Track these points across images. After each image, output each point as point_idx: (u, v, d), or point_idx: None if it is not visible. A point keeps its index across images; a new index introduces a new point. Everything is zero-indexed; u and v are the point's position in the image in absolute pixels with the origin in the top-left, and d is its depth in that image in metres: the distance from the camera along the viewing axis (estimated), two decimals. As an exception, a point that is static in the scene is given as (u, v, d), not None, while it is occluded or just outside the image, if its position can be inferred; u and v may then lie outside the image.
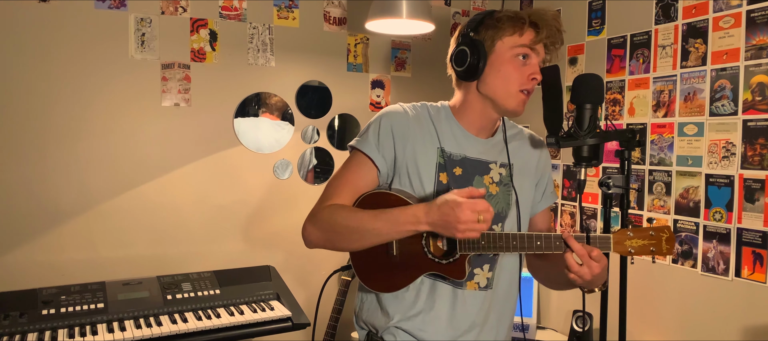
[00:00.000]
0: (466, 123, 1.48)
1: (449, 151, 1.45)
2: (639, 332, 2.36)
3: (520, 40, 1.40)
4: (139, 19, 2.56)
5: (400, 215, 1.33)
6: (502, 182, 1.48)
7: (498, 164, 1.49)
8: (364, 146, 1.46)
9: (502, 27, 1.40)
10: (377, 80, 3.08)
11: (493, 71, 1.41)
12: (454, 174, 1.44)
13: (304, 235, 1.48)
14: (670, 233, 1.30)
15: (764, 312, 1.94)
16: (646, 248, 1.30)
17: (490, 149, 1.49)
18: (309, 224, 1.46)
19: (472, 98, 1.47)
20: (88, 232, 2.53)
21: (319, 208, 1.46)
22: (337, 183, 1.48)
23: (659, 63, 2.30)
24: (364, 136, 1.48)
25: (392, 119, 1.46)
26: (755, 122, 1.96)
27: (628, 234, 1.31)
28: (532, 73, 1.40)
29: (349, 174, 1.48)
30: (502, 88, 1.41)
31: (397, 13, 2.38)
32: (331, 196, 1.46)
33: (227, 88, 2.74)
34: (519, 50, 1.40)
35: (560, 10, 2.79)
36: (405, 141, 1.43)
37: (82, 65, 2.48)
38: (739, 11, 2.01)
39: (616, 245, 1.31)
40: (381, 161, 1.45)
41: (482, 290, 1.47)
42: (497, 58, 1.41)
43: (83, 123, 2.50)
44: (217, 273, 2.38)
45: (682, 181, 2.20)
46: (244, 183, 2.81)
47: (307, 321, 2.18)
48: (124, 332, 1.95)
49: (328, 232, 1.42)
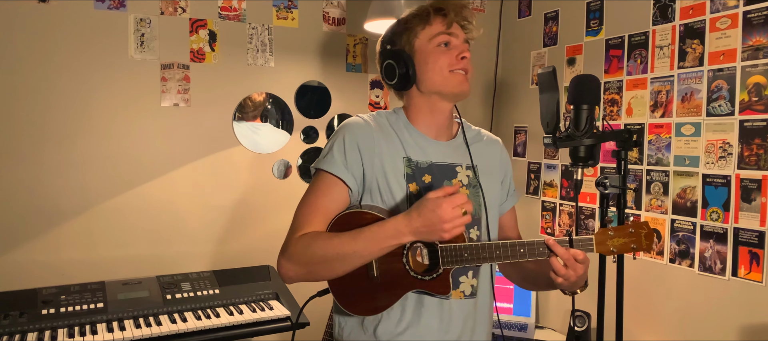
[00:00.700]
0: (423, 127, 1.47)
1: (415, 159, 1.42)
2: (636, 331, 2.37)
3: (433, 30, 1.41)
4: (139, 20, 2.57)
5: (380, 230, 1.28)
6: (471, 184, 1.47)
7: (464, 167, 1.47)
8: (331, 167, 1.39)
9: (412, 26, 1.43)
10: (376, 81, 3.09)
11: (422, 68, 1.42)
12: (423, 182, 1.41)
13: (280, 271, 1.38)
14: (648, 229, 1.32)
15: (761, 311, 1.95)
16: (627, 246, 1.32)
17: (453, 152, 1.48)
18: (283, 260, 1.37)
19: (418, 101, 1.46)
20: (87, 232, 2.54)
21: (291, 240, 1.37)
22: (306, 210, 1.40)
23: (657, 63, 2.31)
24: (328, 155, 1.40)
25: (356, 133, 1.40)
26: (752, 122, 1.97)
27: (609, 234, 1.32)
28: (458, 52, 1.41)
29: (318, 199, 1.40)
30: (437, 76, 1.41)
31: (395, 14, 2.39)
32: (302, 225, 1.38)
33: (226, 88, 2.75)
34: (437, 40, 1.41)
35: (558, 10, 2.80)
36: (372, 155, 1.39)
37: (81, 66, 2.49)
38: (735, 12, 2.02)
39: (598, 245, 1.32)
40: (351, 179, 1.38)
41: (468, 298, 1.45)
42: (421, 55, 1.42)
43: (83, 123, 2.51)
44: (217, 272, 2.39)
45: (680, 181, 2.21)
46: (243, 183, 2.82)
47: (307, 321, 2.19)
48: (124, 331, 1.96)
49: (306, 265, 1.34)
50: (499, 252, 1.33)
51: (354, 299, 1.39)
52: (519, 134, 3.07)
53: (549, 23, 2.86)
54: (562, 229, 2.78)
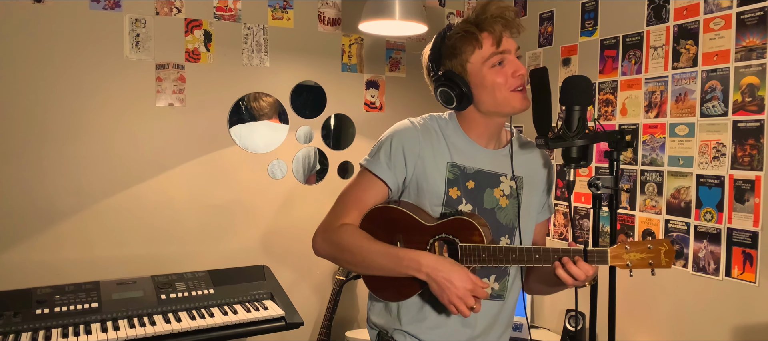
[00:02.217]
0: (475, 135, 1.49)
1: (462, 164, 1.45)
2: (630, 331, 2.38)
3: (484, 52, 1.40)
4: (134, 20, 2.57)
5: (405, 257, 1.37)
6: (512, 195, 1.50)
7: (508, 177, 1.49)
8: (375, 167, 1.46)
9: (461, 51, 1.41)
10: (372, 81, 3.09)
11: (479, 90, 1.41)
12: (466, 188, 1.44)
13: (314, 245, 1.50)
14: (669, 246, 1.30)
15: (754, 311, 1.95)
16: (644, 262, 1.31)
17: (500, 160, 1.50)
18: (320, 238, 1.49)
19: (474, 117, 1.47)
20: (83, 232, 2.54)
21: (332, 225, 1.48)
22: (347, 199, 1.50)
23: (651, 64, 2.31)
24: (375, 156, 1.48)
25: (403, 137, 1.45)
26: (745, 123, 1.98)
27: (625, 248, 1.31)
28: (513, 70, 1.40)
29: (360, 193, 1.49)
30: (496, 98, 1.41)
31: (390, 15, 2.39)
32: (342, 213, 1.48)
33: (222, 88, 2.75)
34: (490, 61, 1.40)
35: (553, 10, 2.81)
36: (415, 159, 1.44)
37: (76, 66, 2.49)
38: (729, 13, 2.03)
39: (613, 259, 1.32)
40: (393, 181, 1.46)
41: (491, 299, 1.49)
42: (475, 77, 1.41)
43: (78, 123, 2.51)
44: (212, 272, 2.40)
45: (674, 181, 2.21)
46: (238, 183, 2.82)
47: (301, 321, 2.20)
48: (118, 331, 1.96)
49: (337, 252, 1.47)
50: (516, 256, 1.36)
51: (382, 286, 1.49)
52: (514, 134, 3.07)
53: (544, 24, 2.87)
54: (557, 228, 2.79)
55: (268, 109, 2.86)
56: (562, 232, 2.77)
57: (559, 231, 2.78)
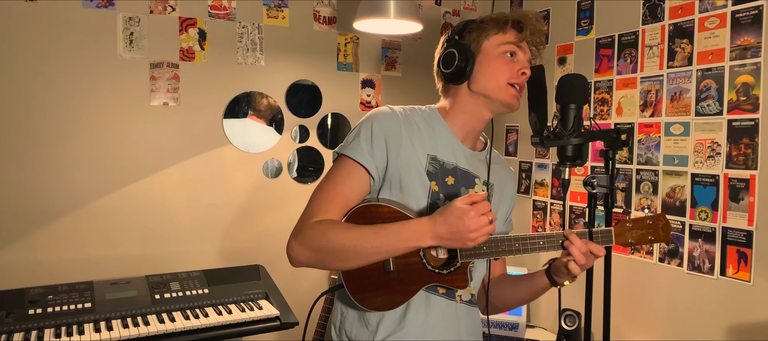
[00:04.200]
0: (456, 127, 1.45)
1: (442, 159, 1.41)
2: (625, 330, 2.38)
3: (505, 38, 1.41)
4: (128, 18, 2.56)
5: (402, 230, 1.27)
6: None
7: (481, 181, 1.47)
8: (355, 153, 1.35)
9: (487, 28, 1.42)
10: (367, 80, 3.08)
11: (482, 69, 1.40)
12: (445, 183, 1.40)
13: (290, 254, 1.36)
14: (665, 221, 1.36)
15: (748, 310, 1.95)
16: (645, 237, 1.36)
17: (476, 163, 1.48)
18: (296, 243, 1.35)
19: (463, 99, 1.44)
20: (77, 231, 2.52)
21: (306, 224, 1.34)
22: (324, 195, 1.37)
23: (646, 63, 2.31)
24: (354, 141, 1.36)
25: (384, 122, 1.37)
26: (740, 122, 1.98)
27: (627, 226, 1.35)
28: (520, 68, 1.40)
29: (338, 185, 1.36)
30: (493, 82, 1.40)
31: (384, 13, 2.38)
32: (318, 210, 1.35)
33: (216, 87, 2.74)
34: (505, 48, 1.40)
35: (549, 9, 2.81)
36: (398, 147, 1.36)
37: (70, 65, 2.48)
38: (724, 12, 2.03)
39: (617, 237, 1.35)
40: (374, 168, 1.35)
41: (465, 304, 1.47)
42: (485, 56, 1.41)
43: (72, 122, 2.49)
44: (206, 272, 2.38)
45: (669, 180, 2.22)
46: (233, 183, 2.81)
47: (296, 321, 2.19)
48: (111, 331, 1.95)
49: (319, 252, 1.32)
50: (519, 245, 1.34)
51: (369, 294, 1.36)
52: (510, 133, 3.07)
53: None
54: (553, 228, 2.79)
55: (263, 108, 2.85)
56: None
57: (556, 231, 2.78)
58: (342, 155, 1.38)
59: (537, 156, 2.89)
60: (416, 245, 1.28)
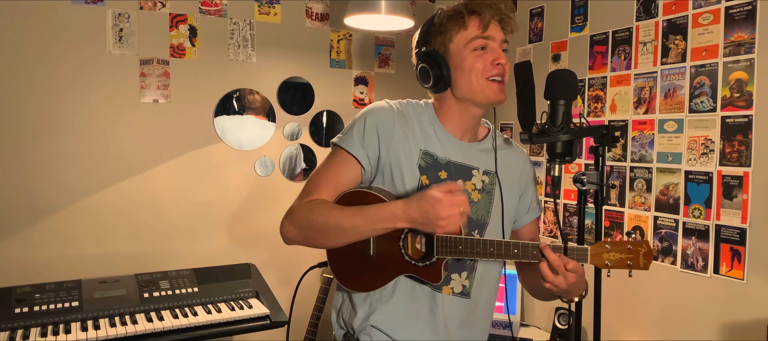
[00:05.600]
0: (450, 126, 1.46)
1: (434, 154, 1.43)
2: (618, 329, 2.36)
3: (468, 34, 1.39)
4: (117, 15, 2.53)
5: (378, 211, 1.32)
6: (485, 190, 1.47)
7: (481, 171, 1.47)
8: (349, 144, 1.42)
9: (446, 29, 1.40)
10: (360, 77, 3.06)
11: (457, 72, 1.40)
12: (438, 177, 1.42)
13: (282, 231, 1.45)
14: (647, 248, 1.28)
15: (742, 308, 1.94)
16: (624, 262, 1.29)
17: (474, 154, 1.47)
18: (286, 220, 1.43)
19: (450, 103, 1.45)
20: (66, 229, 2.50)
21: (297, 204, 1.43)
22: (318, 180, 1.45)
23: (640, 60, 2.29)
24: (348, 133, 1.44)
25: (378, 116, 1.42)
26: (733, 118, 1.96)
27: (605, 247, 1.29)
28: (493, 59, 1.38)
29: (331, 172, 1.45)
30: (472, 83, 1.40)
31: (375, 9, 2.36)
32: (311, 192, 1.43)
33: (207, 84, 2.72)
34: (473, 44, 1.39)
35: (543, 6, 2.78)
36: (390, 140, 1.40)
37: (58, 61, 2.45)
38: (717, 7, 2.01)
39: (593, 257, 1.29)
40: (365, 159, 1.42)
41: (457, 296, 1.46)
42: (456, 59, 1.40)
43: (61, 119, 2.47)
44: (197, 270, 2.36)
45: (662, 178, 2.20)
46: (225, 180, 2.79)
47: (286, 319, 2.17)
48: (98, 331, 1.93)
49: (306, 229, 1.40)
50: (493, 249, 1.33)
51: (348, 273, 1.44)
52: (504, 130, 3.05)
53: (534, 19, 2.84)
54: (547, 226, 2.77)
55: (254, 105, 2.83)
56: (551, 229, 2.75)
57: (549, 229, 2.76)
58: (336, 145, 1.46)
59: (531, 154, 2.87)
60: (392, 227, 1.32)
